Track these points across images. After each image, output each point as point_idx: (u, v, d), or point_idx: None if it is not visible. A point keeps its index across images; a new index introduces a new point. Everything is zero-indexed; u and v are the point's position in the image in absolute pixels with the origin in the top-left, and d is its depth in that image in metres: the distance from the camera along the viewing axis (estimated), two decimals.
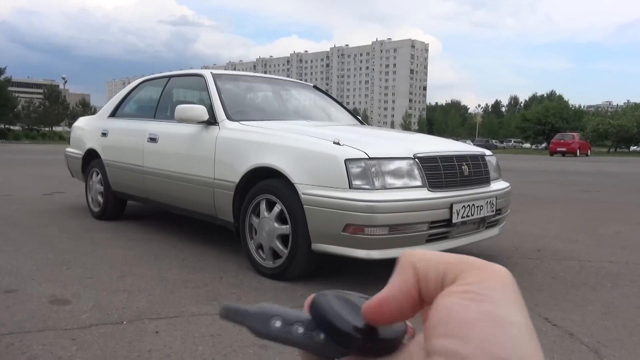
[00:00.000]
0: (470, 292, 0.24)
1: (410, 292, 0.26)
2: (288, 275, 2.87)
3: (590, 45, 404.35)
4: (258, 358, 1.92)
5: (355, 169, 2.63)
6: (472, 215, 2.91)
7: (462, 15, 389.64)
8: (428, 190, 2.76)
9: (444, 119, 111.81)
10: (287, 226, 2.85)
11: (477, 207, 2.95)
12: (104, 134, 4.73)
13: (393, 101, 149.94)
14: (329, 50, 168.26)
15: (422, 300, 0.26)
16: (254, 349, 1.99)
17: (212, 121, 3.50)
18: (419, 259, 0.26)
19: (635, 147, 49.69)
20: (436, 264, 0.26)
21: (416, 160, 2.80)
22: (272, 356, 1.94)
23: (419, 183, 2.75)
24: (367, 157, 2.66)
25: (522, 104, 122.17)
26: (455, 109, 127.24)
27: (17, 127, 45.56)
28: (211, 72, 3.98)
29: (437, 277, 0.25)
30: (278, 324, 0.28)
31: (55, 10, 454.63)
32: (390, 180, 2.68)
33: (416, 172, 2.77)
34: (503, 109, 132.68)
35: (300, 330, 0.27)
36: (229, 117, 3.49)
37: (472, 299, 0.23)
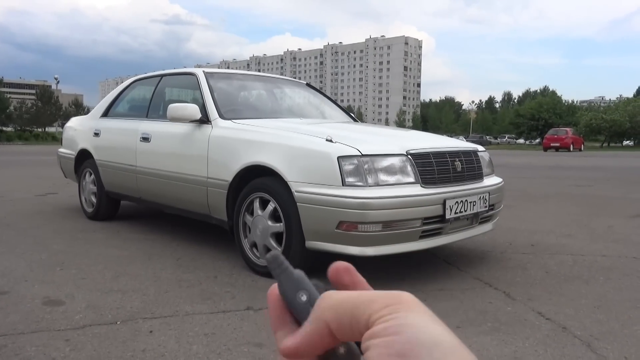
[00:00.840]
0: (388, 329, 0.25)
1: (323, 340, 0.28)
2: None
3: (582, 41, 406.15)
4: (252, 356, 1.92)
5: (348, 166, 2.63)
6: (465, 211, 2.92)
7: (455, 12, 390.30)
8: (421, 186, 2.77)
9: (438, 116, 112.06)
10: (281, 224, 2.85)
11: (470, 202, 2.96)
12: (97, 134, 4.71)
13: (387, 98, 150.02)
14: (322, 48, 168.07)
15: (338, 339, 0.28)
16: (248, 347, 1.99)
17: (204, 120, 3.49)
18: (330, 310, 0.27)
19: (627, 142, 49.94)
20: (348, 310, 0.27)
21: (409, 156, 2.81)
22: (267, 354, 1.94)
23: (411, 179, 2.76)
24: (360, 154, 2.67)
25: (515, 100, 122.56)
26: (449, 105, 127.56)
27: (9, 128, 45.23)
28: (203, 71, 3.97)
29: (352, 320, 0.26)
30: (304, 297, 0.29)
31: (47, 10, 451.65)
32: (383, 177, 2.68)
33: (409, 168, 2.77)
34: (497, 105, 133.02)
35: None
36: (221, 116, 3.49)
37: (393, 339, 0.24)
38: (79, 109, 65.07)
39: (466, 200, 2.93)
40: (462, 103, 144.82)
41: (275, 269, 0.31)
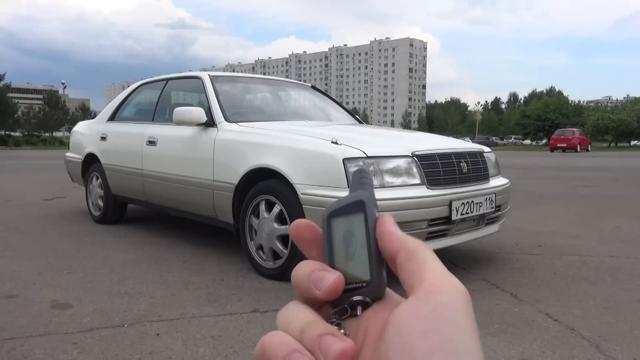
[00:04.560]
0: (432, 313, 0.24)
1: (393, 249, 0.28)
2: (289, 276, 2.82)
3: (588, 41, 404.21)
4: None
5: (353, 168, 2.63)
6: (471, 212, 2.91)
7: (460, 13, 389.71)
8: (427, 188, 2.76)
9: (444, 117, 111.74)
10: (287, 226, 2.85)
11: (477, 204, 2.95)
12: (103, 138, 4.74)
13: (392, 100, 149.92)
14: (327, 50, 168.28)
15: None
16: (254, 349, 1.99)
17: (210, 123, 3.51)
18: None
19: (635, 142, 49.62)
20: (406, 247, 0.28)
21: (414, 158, 2.81)
22: None
23: (417, 181, 2.76)
24: (365, 155, 2.67)
25: (521, 101, 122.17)
26: (454, 106, 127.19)
27: (17, 133, 45.63)
28: (209, 74, 3.99)
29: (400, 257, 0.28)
30: (377, 214, 0.30)
31: (53, 16, 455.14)
32: (388, 179, 2.68)
33: (415, 170, 2.77)
34: (503, 106, 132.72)
35: None
36: (227, 119, 3.50)
37: (433, 324, 0.24)
38: (86, 113, 65.48)
39: (472, 202, 2.92)
40: (467, 104, 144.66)
41: (365, 178, 0.31)
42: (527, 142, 62.78)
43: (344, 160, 2.64)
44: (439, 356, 0.23)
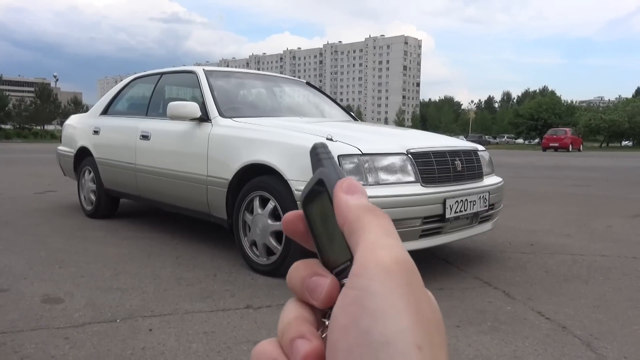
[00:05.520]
0: (353, 303, 0.23)
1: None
2: (282, 272, 2.86)
3: (581, 41, 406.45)
4: None
5: (348, 165, 2.63)
6: (465, 210, 2.92)
7: (454, 12, 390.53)
8: (421, 185, 2.77)
9: (438, 115, 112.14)
10: (281, 222, 2.84)
11: (470, 202, 2.96)
12: (96, 132, 4.70)
13: (386, 97, 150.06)
14: (322, 47, 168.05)
15: None
16: (248, 345, 1.99)
17: (204, 118, 3.49)
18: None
19: (626, 142, 50.03)
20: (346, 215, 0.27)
21: (409, 155, 2.81)
22: None
23: (412, 178, 2.76)
24: (360, 152, 2.67)
25: (515, 100, 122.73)
26: (448, 105, 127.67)
27: (8, 126, 45.22)
28: (203, 69, 3.97)
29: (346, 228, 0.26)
30: None
31: (45, 8, 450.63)
32: (383, 176, 2.68)
33: (409, 167, 2.77)
34: (496, 105, 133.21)
35: None
36: (221, 114, 3.48)
37: (352, 317, 0.23)
38: (78, 106, 65.01)
39: (466, 200, 2.93)
40: (461, 103, 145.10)
41: (322, 154, 0.30)
42: (520, 141, 63.13)
43: (339, 157, 2.63)
44: (356, 353, 0.22)
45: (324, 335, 0.26)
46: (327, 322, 0.27)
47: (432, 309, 0.24)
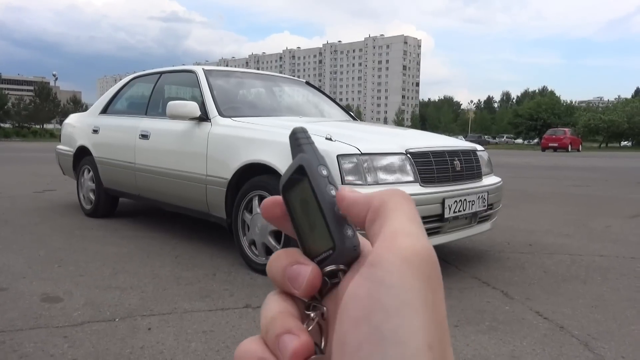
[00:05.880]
0: (366, 296, 0.22)
1: (360, 212, 0.26)
2: None
3: (580, 41, 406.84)
4: None
5: (347, 165, 2.63)
6: (464, 210, 2.92)
7: (453, 12, 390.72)
8: (420, 185, 2.77)
9: (437, 115, 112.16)
10: None
11: (469, 202, 2.96)
12: (95, 131, 4.70)
13: (386, 97, 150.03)
14: (321, 46, 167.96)
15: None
16: None
17: (204, 117, 3.49)
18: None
19: (625, 142, 50.07)
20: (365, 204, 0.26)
21: (408, 155, 2.81)
22: None
23: (411, 178, 2.76)
24: (359, 152, 2.67)
25: (514, 100, 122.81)
26: (447, 105, 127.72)
27: (7, 125, 45.14)
28: (203, 68, 3.97)
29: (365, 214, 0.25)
30: (324, 172, 0.28)
31: (44, 7, 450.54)
32: (382, 176, 2.69)
33: (408, 167, 2.78)
34: (495, 105, 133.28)
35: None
36: (220, 114, 3.48)
37: (365, 311, 0.21)
38: (77, 105, 64.92)
39: (465, 200, 2.93)
40: (460, 103, 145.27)
41: (302, 139, 0.29)
42: (519, 141, 63.17)
43: (338, 156, 2.64)
44: (365, 349, 0.20)
45: (309, 329, 0.25)
46: (312, 315, 0.26)
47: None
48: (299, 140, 0.29)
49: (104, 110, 4.88)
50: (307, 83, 5.01)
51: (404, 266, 0.21)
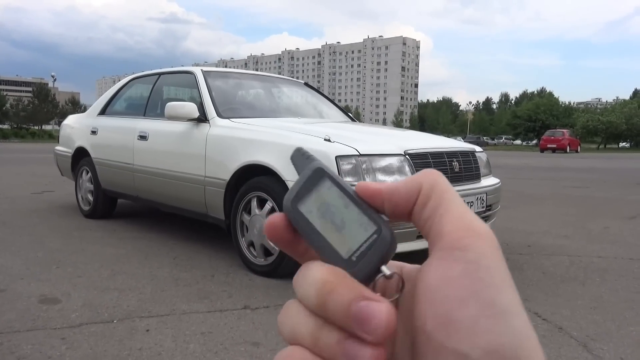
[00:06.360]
0: (464, 276, 0.22)
1: (410, 197, 0.25)
2: (280, 273, 2.86)
3: (579, 43, 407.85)
4: (249, 355, 1.92)
5: (346, 166, 2.63)
6: None
7: (452, 13, 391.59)
8: None
9: (436, 116, 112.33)
10: None
11: (468, 203, 2.96)
12: (94, 132, 4.69)
13: (385, 98, 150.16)
14: (320, 47, 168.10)
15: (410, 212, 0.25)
16: (245, 346, 1.99)
17: (202, 119, 3.49)
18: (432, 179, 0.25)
19: (624, 144, 50.15)
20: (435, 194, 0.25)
21: (407, 156, 2.81)
22: (264, 353, 1.94)
23: None
24: (358, 153, 2.67)
25: (512, 101, 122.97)
26: (446, 106, 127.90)
27: (5, 126, 45.14)
28: (201, 69, 3.97)
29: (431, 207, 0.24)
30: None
31: (43, 8, 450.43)
32: (381, 177, 2.69)
33: (407, 168, 2.78)
34: (494, 106, 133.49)
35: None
36: (219, 115, 3.48)
37: (469, 289, 0.21)
38: (76, 106, 64.92)
39: (463, 201, 2.93)
40: (459, 104, 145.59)
41: (306, 153, 0.28)
42: (518, 142, 63.26)
43: (336, 157, 2.64)
44: (484, 323, 0.21)
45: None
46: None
47: None
48: (304, 154, 0.28)
49: (103, 111, 4.87)
50: (306, 84, 5.01)
51: (492, 249, 0.23)
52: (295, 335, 0.24)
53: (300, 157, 0.28)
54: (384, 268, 0.25)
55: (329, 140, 2.73)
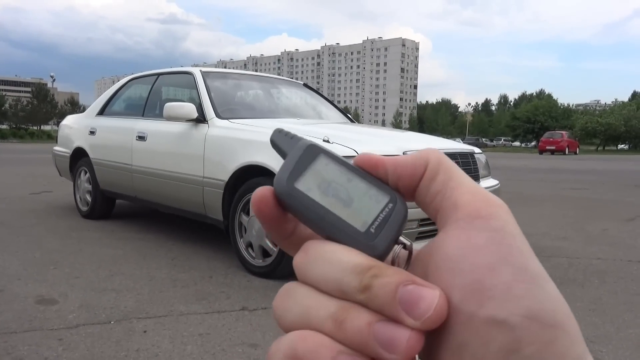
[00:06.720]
0: (492, 243, 0.21)
1: (416, 170, 0.24)
2: (278, 274, 2.86)
3: (578, 44, 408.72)
4: (247, 357, 1.91)
5: None
6: None
7: (451, 14, 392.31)
8: None
9: (435, 118, 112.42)
10: None
11: None
12: (92, 133, 4.68)
13: (384, 100, 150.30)
14: (319, 48, 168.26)
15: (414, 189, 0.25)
16: (243, 347, 1.98)
17: (201, 119, 3.48)
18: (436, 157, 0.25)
19: (622, 146, 50.22)
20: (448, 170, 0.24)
21: None
22: (262, 355, 1.93)
23: None
24: (357, 154, 2.66)
25: (511, 103, 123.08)
26: (445, 107, 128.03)
27: (4, 126, 45.12)
28: (200, 70, 3.96)
29: (441, 185, 0.24)
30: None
31: (42, 8, 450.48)
32: None
33: None
34: (493, 108, 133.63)
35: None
36: (218, 115, 3.47)
37: (498, 256, 0.21)
38: (75, 107, 64.90)
39: None
40: (458, 105, 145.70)
41: (289, 133, 0.26)
42: (517, 144, 63.33)
43: None
44: (518, 289, 0.20)
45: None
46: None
47: None
48: (289, 133, 0.26)
49: (101, 112, 4.86)
50: (305, 85, 5.01)
51: (513, 218, 0.23)
52: (308, 319, 0.22)
53: (282, 138, 0.26)
54: (402, 238, 0.24)
55: (327, 141, 2.73)
